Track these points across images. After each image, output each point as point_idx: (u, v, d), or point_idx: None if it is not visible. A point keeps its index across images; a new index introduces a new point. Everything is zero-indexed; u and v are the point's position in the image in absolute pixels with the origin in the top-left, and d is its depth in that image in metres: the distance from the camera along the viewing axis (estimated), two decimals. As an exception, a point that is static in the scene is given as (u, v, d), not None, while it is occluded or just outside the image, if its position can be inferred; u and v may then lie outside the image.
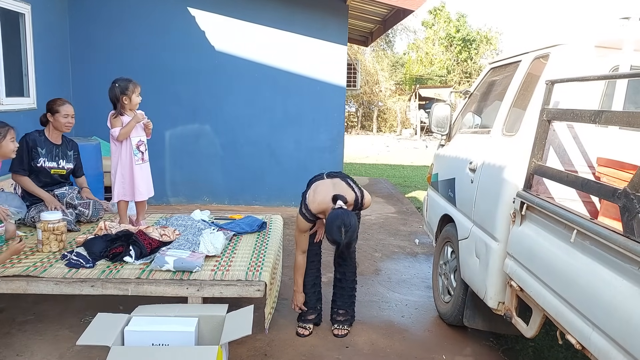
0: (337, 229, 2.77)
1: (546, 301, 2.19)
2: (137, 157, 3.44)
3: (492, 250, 2.75)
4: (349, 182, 3.09)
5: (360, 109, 28.06)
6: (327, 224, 2.83)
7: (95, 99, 5.40)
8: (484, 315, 3.07)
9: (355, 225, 2.82)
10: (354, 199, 3.01)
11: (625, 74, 2.42)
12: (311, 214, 3.01)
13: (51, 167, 3.69)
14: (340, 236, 2.78)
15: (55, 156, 3.71)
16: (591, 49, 2.66)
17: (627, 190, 1.75)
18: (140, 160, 3.47)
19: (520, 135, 2.75)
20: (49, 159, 3.68)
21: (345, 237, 2.78)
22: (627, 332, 1.67)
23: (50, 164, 3.68)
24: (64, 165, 3.76)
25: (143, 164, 3.51)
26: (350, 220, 2.78)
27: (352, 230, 2.79)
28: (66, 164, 3.77)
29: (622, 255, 1.77)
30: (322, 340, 3.19)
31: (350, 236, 2.81)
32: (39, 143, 3.64)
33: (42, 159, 3.64)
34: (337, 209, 2.85)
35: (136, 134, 3.44)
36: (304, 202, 3.04)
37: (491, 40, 30.29)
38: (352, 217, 2.82)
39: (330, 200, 2.92)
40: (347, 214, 2.81)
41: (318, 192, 3.02)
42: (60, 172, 3.77)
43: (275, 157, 6.69)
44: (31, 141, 3.61)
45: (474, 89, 3.91)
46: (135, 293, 2.71)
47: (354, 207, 3.03)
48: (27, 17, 4.94)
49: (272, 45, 6.43)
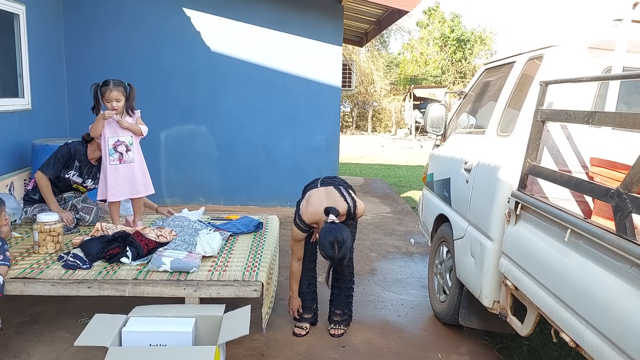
0: (330, 245, 2.76)
1: (541, 300, 2.21)
2: (113, 157, 3.36)
3: (487, 249, 2.77)
4: (342, 190, 3.07)
5: (355, 109, 28.10)
6: (320, 239, 2.81)
7: (89, 100, 5.34)
8: (479, 314, 3.09)
9: (348, 239, 2.79)
10: (346, 210, 3.00)
11: (618, 76, 2.44)
12: (305, 224, 3.01)
13: (76, 182, 3.67)
14: (333, 252, 2.77)
15: (86, 174, 3.68)
16: (584, 50, 2.69)
17: (620, 190, 1.77)
18: (117, 161, 3.37)
19: (514, 135, 2.78)
20: (79, 174, 3.64)
21: (338, 253, 2.77)
22: (620, 329, 1.69)
23: (77, 179, 3.65)
24: (88, 185, 3.74)
25: (122, 165, 3.39)
26: (342, 235, 2.76)
27: (345, 246, 2.77)
28: (91, 184, 3.75)
29: (615, 254, 1.79)
30: (318, 340, 3.20)
31: (344, 252, 2.79)
32: (79, 155, 3.60)
33: (73, 172, 3.61)
34: (329, 224, 2.83)
35: (113, 134, 3.36)
36: (298, 212, 3.05)
37: (485, 40, 30.42)
38: (345, 231, 2.79)
39: (322, 212, 2.91)
40: (340, 230, 2.78)
41: (310, 203, 3.02)
42: (82, 188, 3.76)
43: (271, 157, 6.70)
44: (73, 152, 3.58)
45: (469, 89, 3.94)
46: (132, 294, 2.71)
47: (346, 217, 3.03)
48: (22, 17, 4.92)
49: (267, 46, 6.44)
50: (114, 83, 3.31)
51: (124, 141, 3.39)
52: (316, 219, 2.96)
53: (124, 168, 3.41)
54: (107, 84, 3.30)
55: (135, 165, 3.46)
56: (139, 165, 3.49)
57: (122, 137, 3.38)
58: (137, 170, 3.48)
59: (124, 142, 3.39)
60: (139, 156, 3.49)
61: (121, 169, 3.40)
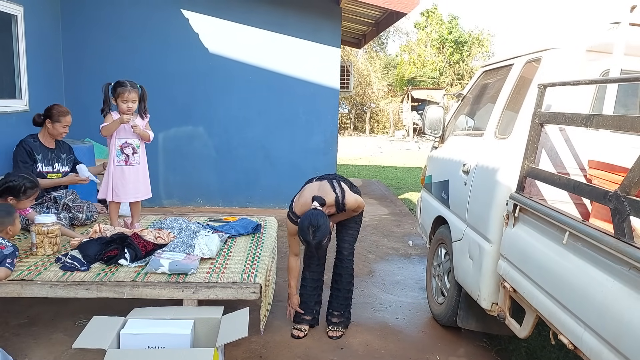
0: (305, 229, 2.83)
1: (539, 302, 2.22)
2: (120, 158, 3.38)
3: (485, 251, 2.77)
4: (334, 183, 3.11)
5: (353, 111, 28.13)
6: (299, 225, 2.88)
7: (87, 101, 5.37)
8: (478, 316, 3.09)
9: (324, 225, 2.83)
10: (334, 199, 3.03)
11: (616, 79, 2.45)
12: (296, 215, 3.06)
13: (47, 171, 3.69)
14: (308, 236, 2.82)
15: (51, 160, 3.70)
16: (582, 53, 2.70)
17: (618, 193, 1.78)
18: (123, 163, 3.39)
19: (513, 138, 2.78)
20: (45, 164, 3.67)
21: (313, 238, 2.82)
22: (618, 332, 1.69)
23: (46, 168, 3.68)
24: (59, 169, 3.75)
25: (127, 167, 3.41)
26: (318, 220, 2.82)
27: (320, 232, 2.82)
28: (61, 167, 3.76)
29: (613, 256, 1.79)
30: (317, 342, 3.20)
31: (320, 237, 2.83)
32: (35, 148, 3.63)
33: (39, 164, 3.63)
34: (310, 210, 2.91)
35: (123, 136, 3.38)
36: (291, 205, 3.14)
37: (483, 42, 30.50)
38: (322, 218, 2.85)
39: (310, 202, 2.98)
40: (317, 215, 2.85)
41: (302, 195, 3.10)
42: (56, 175, 3.76)
43: (269, 158, 6.70)
44: (29, 148, 3.60)
45: (467, 91, 3.94)
46: (130, 296, 2.71)
47: (336, 208, 3.06)
48: (20, 18, 4.90)
49: (266, 48, 6.44)
50: (130, 84, 3.31)
51: (132, 143, 3.42)
52: (305, 209, 2.99)
53: (129, 170, 3.43)
54: (124, 85, 3.28)
55: (140, 168, 3.49)
56: (143, 168, 3.52)
57: (130, 140, 3.41)
58: (141, 173, 3.51)
59: (131, 144, 3.41)
60: (143, 159, 3.52)
61: (126, 170, 3.42)
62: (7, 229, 2.84)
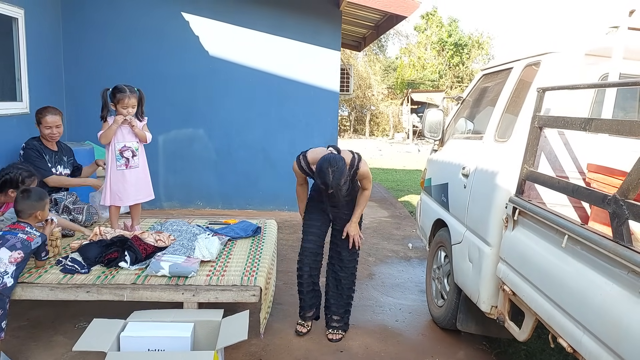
0: (325, 169, 2.85)
1: (538, 305, 2.22)
2: (120, 162, 3.38)
3: (485, 254, 2.78)
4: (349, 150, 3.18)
5: (352, 113, 28.15)
6: (317, 166, 2.92)
7: (88, 103, 5.38)
8: (477, 319, 3.10)
9: (343, 167, 2.88)
10: (350, 159, 3.07)
11: (615, 83, 2.46)
12: (306, 160, 3.10)
13: None
14: (328, 176, 2.84)
15: (54, 162, 3.72)
16: (581, 57, 2.72)
17: (617, 197, 1.78)
18: (124, 166, 3.39)
19: (512, 141, 2.79)
20: (50, 165, 3.69)
21: (333, 178, 2.84)
22: (617, 335, 1.70)
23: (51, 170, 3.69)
24: (61, 172, 3.76)
25: (128, 170, 3.41)
26: (337, 162, 2.86)
27: (339, 171, 2.85)
28: (63, 170, 3.78)
29: (612, 260, 1.80)
30: (316, 345, 3.20)
31: (339, 176, 2.85)
32: (42, 150, 3.66)
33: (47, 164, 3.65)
34: (328, 153, 2.96)
35: (121, 140, 3.38)
36: (303, 152, 3.17)
37: (483, 45, 30.51)
38: (340, 160, 2.90)
39: (326, 151, 3.03)
40: (335, 157, 2.90)
41: (318, 148, 3.15)
42: None
43: (269, 161, 6.71)
44: (38, 147, 3.62)
45: (467, 94, 3.95)
46: (130, 298, 2.71)
47: (349, 166, 3.06)
48: (20, 21, 4.92)
49: (266, 51, 6.45)
50: (129, 89, 3.30)
51: (130, 146, 3.42)
52: (317, 157, 3.01)
53: (130, 173, 3.44)
54: (123, 91, 3.28)
55: (140, 170, 3.49)
56: (143, 170, 3.52)
57: (128, 143, 3.41)
58: (142, 175, 3.51)
59: (130, 147, 3.41)
60: (143, 161, 3.52)
61: (127, 174, 3.42)
62: (36, 213, 2.84)
